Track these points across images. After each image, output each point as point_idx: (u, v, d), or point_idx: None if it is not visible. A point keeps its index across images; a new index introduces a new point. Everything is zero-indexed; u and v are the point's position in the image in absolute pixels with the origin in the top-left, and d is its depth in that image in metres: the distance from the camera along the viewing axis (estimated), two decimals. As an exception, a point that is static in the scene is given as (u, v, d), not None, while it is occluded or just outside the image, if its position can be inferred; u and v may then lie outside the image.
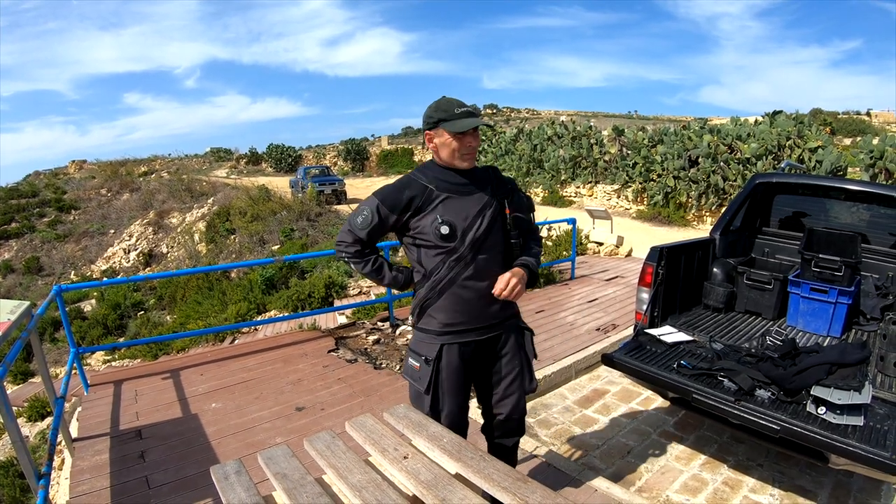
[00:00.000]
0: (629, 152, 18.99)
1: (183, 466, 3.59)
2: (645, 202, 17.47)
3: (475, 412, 2.83)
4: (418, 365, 2.46)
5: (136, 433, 4.08)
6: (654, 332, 4.01)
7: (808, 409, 2.99)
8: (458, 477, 1.88)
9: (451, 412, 2.50)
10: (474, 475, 1.84)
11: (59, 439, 3.74)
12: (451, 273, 2.37)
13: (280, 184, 27.41)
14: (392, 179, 2.53)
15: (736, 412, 3.05)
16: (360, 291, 9.07)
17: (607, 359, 3.74)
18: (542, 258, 9.15)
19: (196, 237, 23.04)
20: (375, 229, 2.39)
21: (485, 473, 1.82)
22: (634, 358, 3.64)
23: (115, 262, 25.30)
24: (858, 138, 19.84)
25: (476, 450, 1.99)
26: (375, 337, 6.01)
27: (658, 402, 4.61)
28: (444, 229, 2.30)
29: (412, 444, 2.09)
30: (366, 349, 5.69)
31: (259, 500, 1.84)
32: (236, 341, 7.14)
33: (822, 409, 2.93)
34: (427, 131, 2.39)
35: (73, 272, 25.71)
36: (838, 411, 2.88)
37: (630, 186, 18.20)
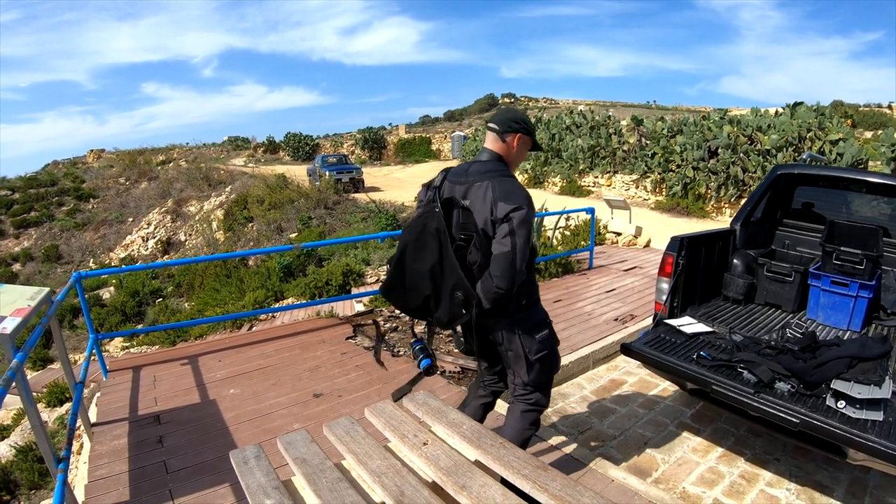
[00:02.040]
0: (648, 142, 18.83)
1: (201, 451, 3.62)
2: (664, 193, 17.34)
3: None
4: (546, 331, 2.64)
5: (155, 418, 4.12)
6: (673, 322, 3.99)
7: (827, 402, 2.96)
8: (477, 464, 1.89)
9: None
10: (494, 462, 1.84)
11: (78, 424, 3.77)
12: None
13: (298, 172, 27.50)
14: (410, 168, 2.55)
15: (755, 404, 3.03)
16: (377, 279, 9.09)
17: (626, 348, 3.72)
18: (560, 248, 9.14)
19: (214, 225, 23.22)
20: None
21: (504, 461, 1.83)
22: (653, 348, 3.62)
23: (133, 250, 25.56)
24: (880, 131, 19.52)
25: (496, 437, 1.99)
26: (393, 325, 6.02)
27: (675, 393, 4.59)
28: None
29: (432, 431, 2.10)
30: (384, 337, 5.71)
31: (278, 484, 1.85)
32: (254, 328, 7.19)
33: (841, 403, 2.90)
34: (520, 133, 2.56)
35: (91, 260, 26.00)
36: (858, 406, 2.85)
37: (649, 177, 18.06)
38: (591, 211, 8.68)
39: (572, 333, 5.57)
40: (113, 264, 23.96)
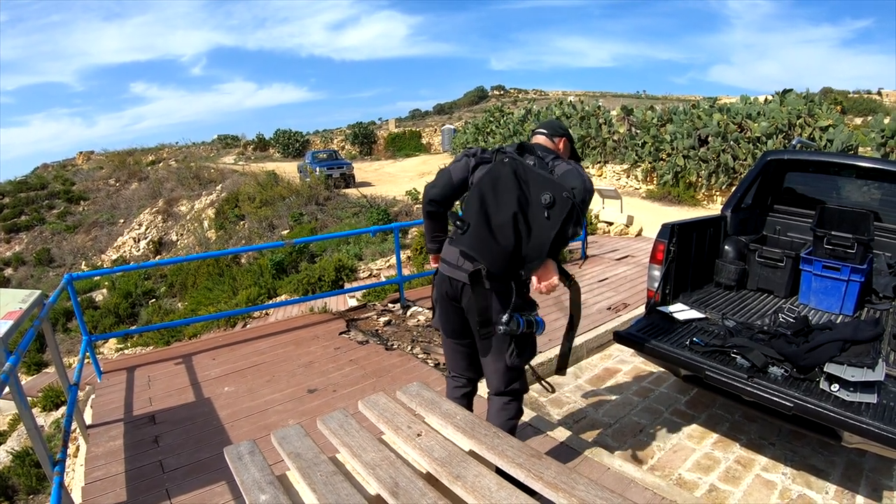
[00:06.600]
0: (638, 132, 18.83)
1: (197, 450, 3.61)
2: (654, 182, 17.36)
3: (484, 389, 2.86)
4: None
5: (150, 418, 4.10)
6: (666, 309, 4.00)
7: (821, 386, 2.98)
8: (471, 454, 1.89)
9: None
10: (488, 452, 1.84)
11: (73, 426, 3.76)
12: None
13: (288, 169, 27.40)
14: (401, 162, 2.53)
15: (749, 389, 3.04)
16: (370, 274, 9.09)
17: (619, 336, 3.73)
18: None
19: (205, 224, 23.15)
20: None
21: (499, 450, 1.83)
22: (647, 335, 3.63)
23: (125, 252, 25.45)
24: (869, 117, 19.60)
25: (489, 427, 1.99)
26: (386, 318, 6.02)
27: (670, 381, 4.61)
28: None
29: (425, 422, 2.10)
30: (377, 331, 5.70)
31: (273, 479, 1.84)
32: (248, 326, 7.17)
33: (835, 387, 2.92)
34: (565, 138, 2.87)
35: (83, 262, 25.87)
36: (851, 388, 2.87)
37: (639, 166, 18.07)
38: (582, 201, 8.66)
39: (565, 323, 5.55)
40: (105, 266, 23.85)
